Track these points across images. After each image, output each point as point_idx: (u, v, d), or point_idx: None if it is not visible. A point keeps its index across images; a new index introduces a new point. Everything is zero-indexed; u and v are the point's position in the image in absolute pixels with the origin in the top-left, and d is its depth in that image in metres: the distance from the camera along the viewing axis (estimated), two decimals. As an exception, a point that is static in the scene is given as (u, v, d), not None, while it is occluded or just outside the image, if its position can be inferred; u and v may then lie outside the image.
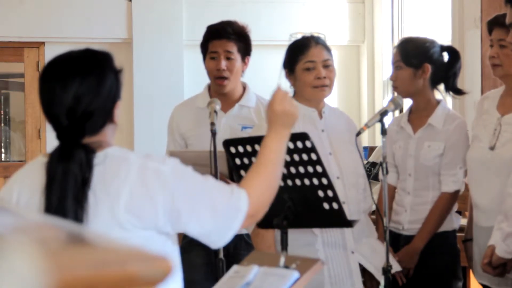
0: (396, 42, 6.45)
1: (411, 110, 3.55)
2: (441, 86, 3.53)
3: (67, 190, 1.99)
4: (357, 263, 3.15)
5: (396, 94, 3.62)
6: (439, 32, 5.80)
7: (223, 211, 2.04)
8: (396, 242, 3.44)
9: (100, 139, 2.05)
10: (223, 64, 3.60)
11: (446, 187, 3.40)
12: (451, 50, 3.54)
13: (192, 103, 3.80)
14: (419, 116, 3.50)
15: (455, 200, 3.45)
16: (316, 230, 3.10)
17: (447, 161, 3.39)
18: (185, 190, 2.01)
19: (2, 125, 7.10)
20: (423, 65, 3.41)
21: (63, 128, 2.02)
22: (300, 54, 3.23)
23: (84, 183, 1.97)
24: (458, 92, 3.50)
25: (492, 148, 3.21)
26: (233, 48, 3.63)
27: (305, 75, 3.21)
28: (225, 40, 3.63)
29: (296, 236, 3.04)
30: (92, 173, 1.98)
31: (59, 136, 2.04)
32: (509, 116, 3.23)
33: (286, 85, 3.35)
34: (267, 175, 2.15)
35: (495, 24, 3.28)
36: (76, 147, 2.01)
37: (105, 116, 2.06)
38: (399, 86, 3.47)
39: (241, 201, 2.05)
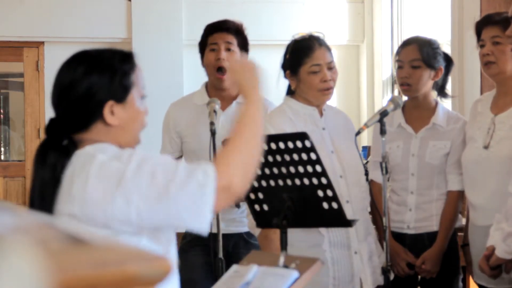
0: (396, 42, 6.47)
1: (405, 110, 3.54)
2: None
3: (40, 185, 2.02)
4: (359, 265, 3.15)
5: (396, 92, 3.62)
6: (439, 32, 5.80)
7: (185, 192, 1.88)
8: (401, 242, 3.47)
9: (90, 137, 2.03)
10: (223, 54, 3.62)
11: (457, 185, 3.44)
12: (447, 56, 3.59)
13: (189, 100, 3.79)
14: (419, 116, 3.51)
15: (462, 198, 3.50)
16: (323, 230, 3.09)
17: (455, 160, 3.42)
18: (139, 187, 1.89)
19: (2, 124, 7.10)
20: (439, 67, 3.46)
21: (51, 121, 2.07)
22: (305, 56, 3.20)
23: (54, 179, 1.99)
24: (445, 95, 3.58)
25: (486, 147, 3.22)
26: (233, 40, 3.66)
27: (310, 78, 3.19)
28: (226, 32, 3.66)
29: (303, 237, 3.04)
30: (62, 170, 1.99)
31: (46, 129, 2.07)
32: (502, 115, 3.24)
33: (284, 85, 3.35)
34: (243, 141, 2.00)
35: (486, 23, 3.29)
36: (56, 142, 2.02)
37: (86, 113, 2.03)
38: (413, 85, 3.45)
39: (204, 176, 1.88)
